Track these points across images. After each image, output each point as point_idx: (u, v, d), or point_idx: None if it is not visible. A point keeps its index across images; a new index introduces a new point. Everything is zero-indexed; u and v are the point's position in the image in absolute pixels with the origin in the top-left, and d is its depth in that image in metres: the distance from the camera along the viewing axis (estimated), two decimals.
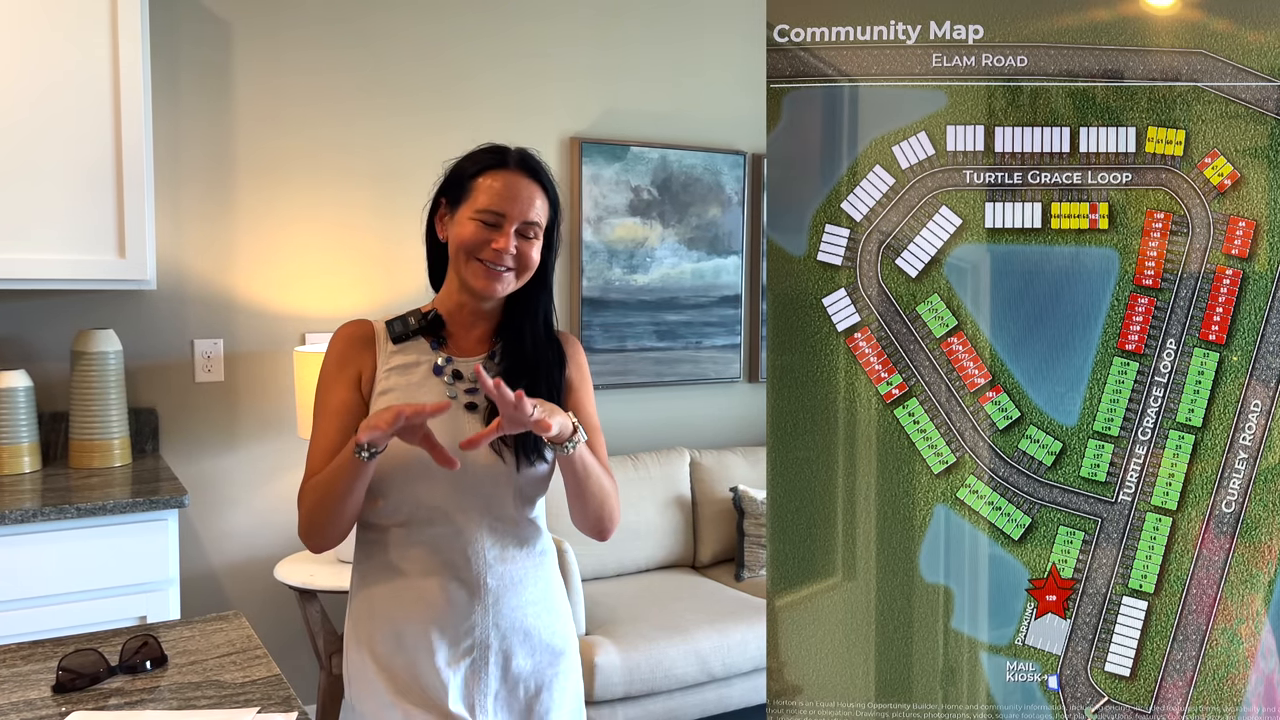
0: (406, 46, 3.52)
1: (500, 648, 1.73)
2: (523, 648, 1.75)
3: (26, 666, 1.56)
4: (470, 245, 1.70)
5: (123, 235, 2.81)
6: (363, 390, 1.75)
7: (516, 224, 1.70)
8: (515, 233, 1.70)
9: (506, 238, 1.69)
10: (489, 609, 1.72)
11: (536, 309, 1.81)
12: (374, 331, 1.79)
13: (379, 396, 1.73)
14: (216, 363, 3.29)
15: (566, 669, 1.81)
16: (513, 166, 1.74)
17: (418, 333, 1.77)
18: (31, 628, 2.46)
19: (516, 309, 1.81)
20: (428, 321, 1.77)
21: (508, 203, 1.70)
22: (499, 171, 1.73)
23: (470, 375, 1.74)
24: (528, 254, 1.72)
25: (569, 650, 1.83)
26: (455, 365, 1.75)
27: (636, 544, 3.78)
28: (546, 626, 1.78)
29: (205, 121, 3.24)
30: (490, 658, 1.72)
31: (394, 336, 1.76)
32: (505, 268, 1.71)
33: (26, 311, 3.03)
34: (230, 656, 1.63)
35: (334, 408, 1.74)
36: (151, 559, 2.65)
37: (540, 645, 1.77)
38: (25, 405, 2.84)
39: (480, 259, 1.70)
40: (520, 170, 1.74)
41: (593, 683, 3.08)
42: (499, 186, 1.71)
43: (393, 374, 1.74)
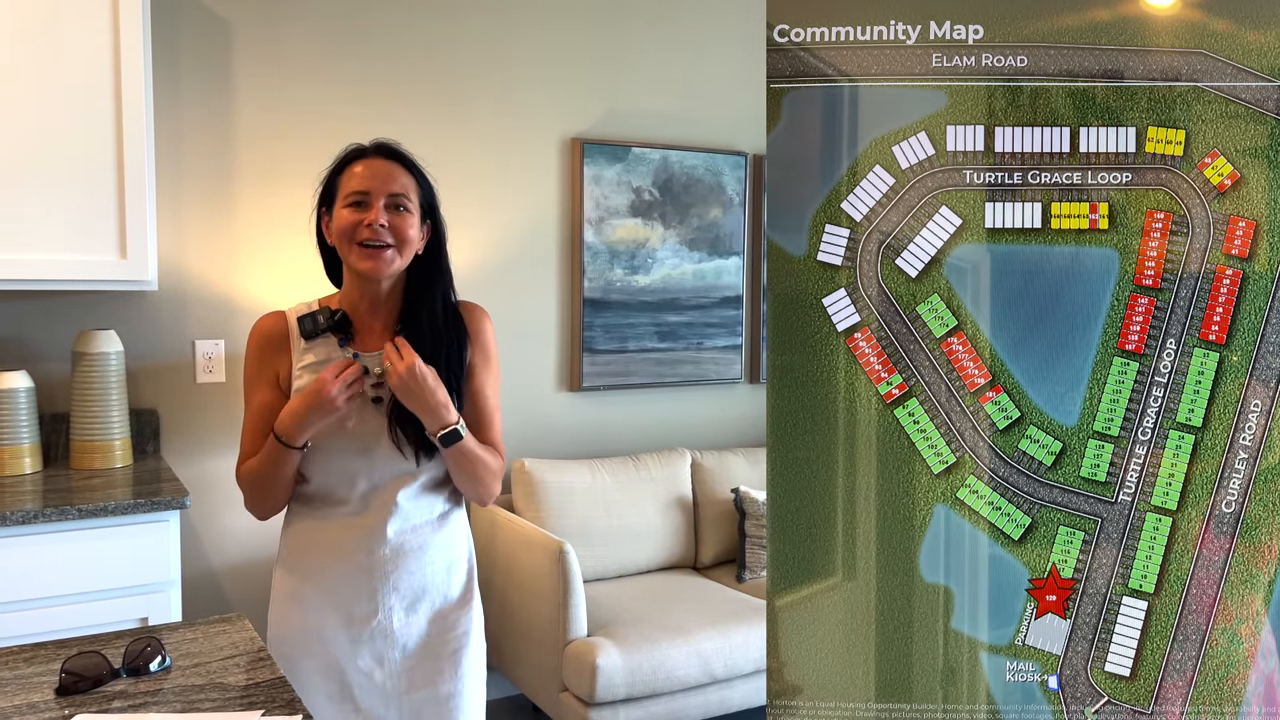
0: (408, 46, 3.53)
1: (401, 606, 1.93)
2: (422, 603, 1.96)
3: (29, 669, 1.56)
4: (347, 229, 1.84)
5: (124, 236, 2.82)
6: (282, 385, 1.94)
7: (383, 198, 1.84)
8: (384, 207, 1.84)
9: (375, 211, 1.83)
10: (388, 575, 1.93)
11: (433, 293, 1.95)
12: (287, 329, 1.95)
13: (295, 393, 1.89)
14: (218, 363, 3.29)
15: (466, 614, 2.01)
16: (371, 154, 1.90)
17: (326, 330, 1.91)
18: (32, 629, 2.46)
19: (412, 298, 1.95)
20: (335, 320, 1.91)
21: (370, 181, 1.85)
22: (359, 160, 1.89)
23: (375, 370, 1.88)
24: (402, 227, 1.86)
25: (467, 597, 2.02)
26: (362, 361, 1.88)
27: (637, 545, 3.77)
28: (444, 581, 1.99)
29: (206, 122, 3.24)
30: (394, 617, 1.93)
31: (304, 334, 1.91)
32: (382, 243, 1.84)
33: (27, 312, 3.03)
34: (234, 659, 1.63)
35: (257, 405, 1.94)
36: (153, 560, 2.65)
37: (439, 597, 1.98)
38: (26, 406, 2.84)
39: (358, 242, 1.84)
40: (378, 155, 1.90)
41: (594, 684, 3.08)
42: (360, 171, 1.87)
43: (305, 372, 1.91)
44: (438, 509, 1.98)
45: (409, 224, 1.87)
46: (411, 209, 1.87)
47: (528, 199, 3.81)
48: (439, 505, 1.99)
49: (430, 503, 1.97)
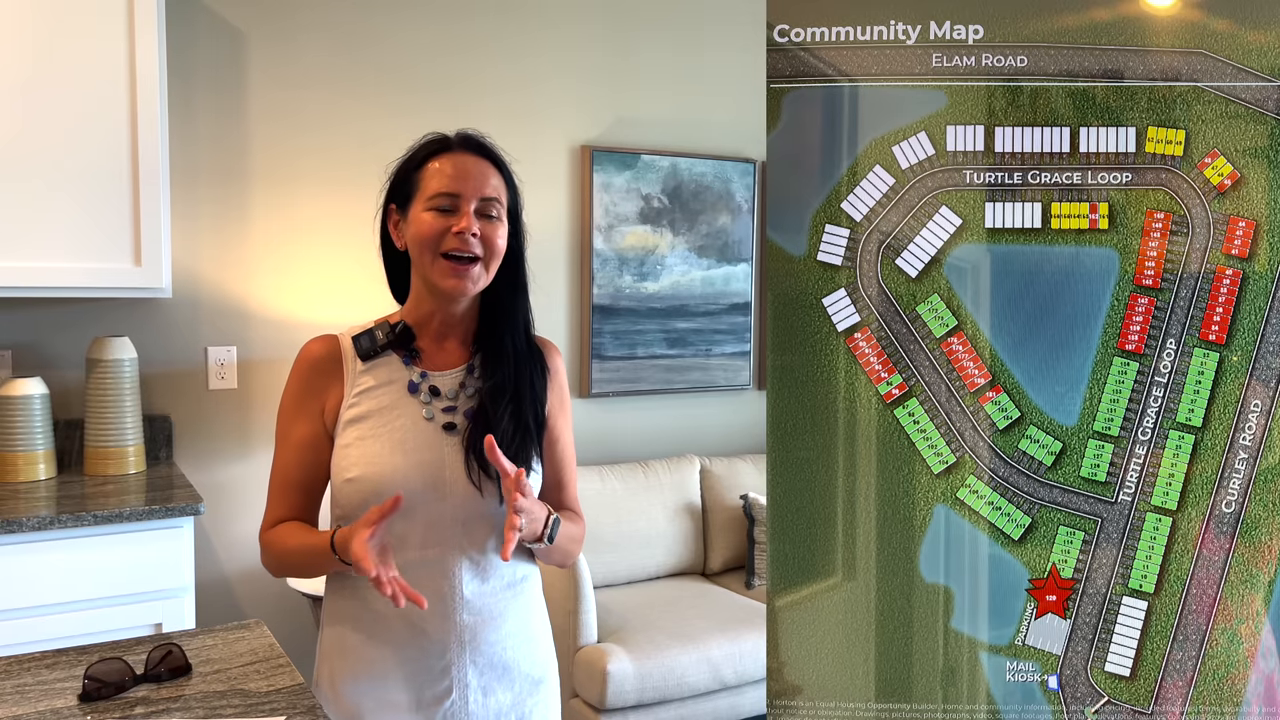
0: (419, 54, 3.55)
1: (479, 684, 1.63)
2: (501, 683, 1.66)
3: (52, 674, 1.56)
4: (430, 238, 1.58)
5: (138, 243, 2.84)
6: (326, 420, 1.64)
7: (474, 202, 1.59)
8: (475, 213, 1.58)
9: (466, 217, 1.57)
10: (465, 646, 1.62)
11: (515, 314, 1.69)
12: (340, 351, 1.66)
13: (347, 425, 1.62)
14: (230, 370, 3.31)
15: (546, 696, 1.74)
16: (457, 148, 1.63)
17: (386, 348, 1.64)
18: (47, 635, 2.48)
19: (492, 315, 1.68)
20: (397, 335, 1.65)
21: (459, 182, 1.58)
22: (444, 155, 1.62)
23: (448, 392, 1.64)
24: (492, 237, 1.60)
25: (548, 677, 1.75)
26: (431, 381, 1.64)
27: (647, 551, 3.78)
28: (526, 657, 1.69)
29: (220, 130, 3.27)
30: (470, 696, 1.63)
31: (362, 354, 1.64)
32: (472, 256, 1.58)
33: (42, 319, 3.06)
34: (254, 665, 1.62)
35: (295, 441, 1.64)
36: (167, 566, 2.66)
37: (520, 677, 1.68)
38: (41, 412, 2.87)
39: (444, 254, 1.58)
40: (466, 150, 1.63)
41: (605, 690, 3.08)
42: (447, 169, 1.59)
43: (363, 397, 1.62)
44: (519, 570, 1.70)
45: (499, 233, 1.61)
46: (502, 216, 1.62)
47: (537, 206, 3.82)
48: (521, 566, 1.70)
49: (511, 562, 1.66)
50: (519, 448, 1.63)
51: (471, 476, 1.59)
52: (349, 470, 1.60)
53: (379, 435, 1.60)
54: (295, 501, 1.65)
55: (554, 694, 1.77)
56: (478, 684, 1.63)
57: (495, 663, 1.64)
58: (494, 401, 1.62)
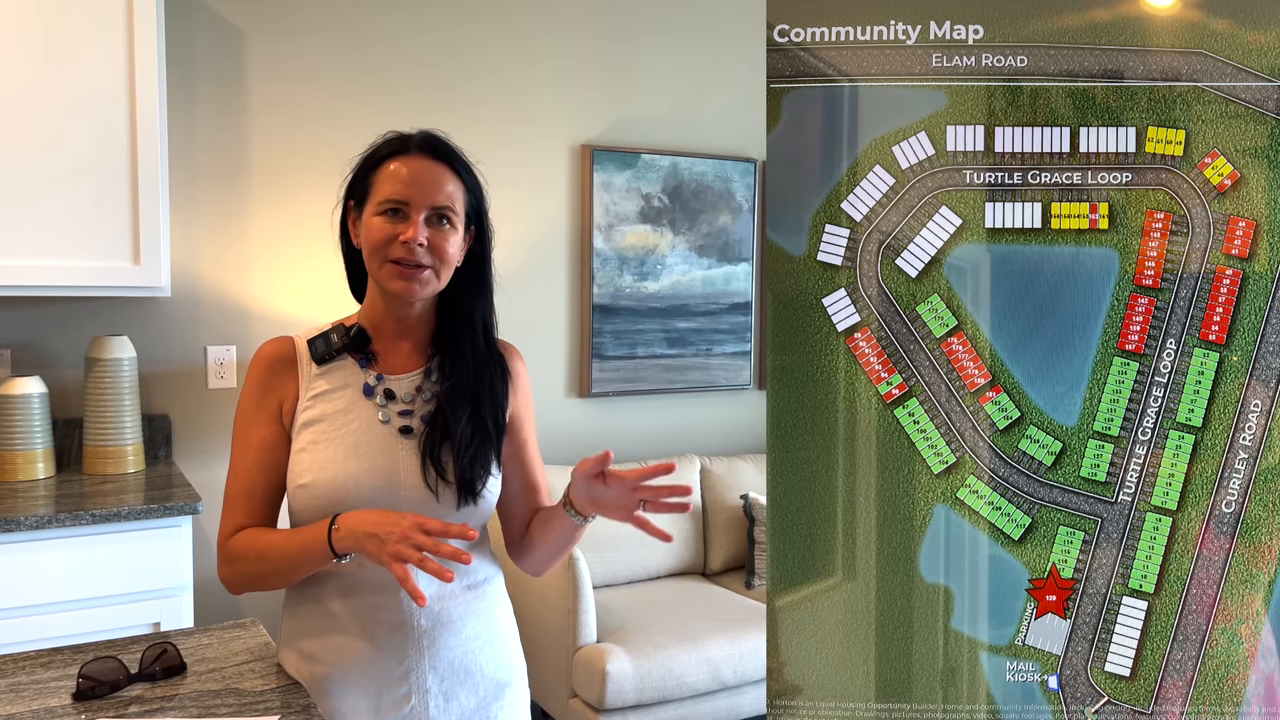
0: (418, 53, 3.55)
1: (440, 689, 1.61)
2: (464, 687, 1.63)
3: (46, 673, 1.56)
4: (378, 244, 1.55)
5: (138, 242, 2.85)
6: (283, 421, 1.61)
7: (424, 211, 1.55)
8: (424, 222, 1.55)
9: (414, 227, 1.53)
10: (424, 651, 1.60)
11: (474, 317, 1.66)
12: (295, 352, 1.63)
13: (302, 428, 1.59)
14: (229, 369, 3.31)
15: (513, 700, 1.71)
16: (414, 151, 1.59)
17: (342, 351, 1.62)
18: (45, 634, 2.48)
19: (451, 318, 1.66)
20: (351, 338, 1.63)
21: (411, 188, 1.55)
22: (400, 158, 1.58)
23: (404, 395, 1.62)
24: (442, 246, 1.56)
25: (515, 680, 1.72)
26: (387, 384, 1.62)
27: (647, 551, 3.78)
28: (490, 660, 1.67)
29: (219, 129, 3.27)
30: (430, 701, 1.60)
31: (316, 357, 1.61)
32: (420, 264, 1.55)
33: (41, 318, 3.06)
34: (249, 664, 1.62)
35: (255, 444, 1.60)
36: (166, 565, 2.67)
37: (485, 680, 1.66)
38: (40, 411, 2.87)
39: (392, 259, 1.55)
40: (423, 153, 1.59)
41: (604, 690, 3.08)
42: (401, 173, 1.56)
43: (318, 401, 1.60)
44: (480, 572, 1.69)
45: (450, 241, 1.57)
46: (456, 222, 1.58)
47: (537, 205, 3.82)
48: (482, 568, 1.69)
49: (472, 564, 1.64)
50: (477, 451, 1.61)
51: (428, 481, 1.57)
52: (302, 476, 1.57)
53: (332, 439, 1.58)
54: (256, 508, 1.60)
55: (522, 698, 1.75)
56: (438, 689, 1.61)
57: (457, 667, 1.62)
58: (452, 405, 1.60)
